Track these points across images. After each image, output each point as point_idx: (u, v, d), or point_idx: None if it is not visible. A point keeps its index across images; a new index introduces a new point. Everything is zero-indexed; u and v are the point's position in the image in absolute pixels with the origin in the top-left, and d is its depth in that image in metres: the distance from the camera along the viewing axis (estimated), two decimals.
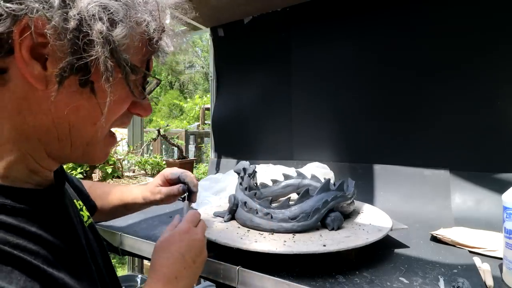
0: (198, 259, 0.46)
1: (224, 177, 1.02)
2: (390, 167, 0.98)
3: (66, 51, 0.29)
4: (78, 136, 0.34)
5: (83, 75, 0.31)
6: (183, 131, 4.50)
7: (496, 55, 0.84)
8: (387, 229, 0.59)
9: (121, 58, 0.32)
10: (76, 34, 0.29)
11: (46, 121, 0.32)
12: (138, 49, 0.35)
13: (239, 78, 1.35)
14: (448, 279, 0.49)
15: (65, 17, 0.28)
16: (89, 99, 0.32)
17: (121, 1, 0.32)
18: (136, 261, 1.68)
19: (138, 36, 0.34)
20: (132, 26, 0.32)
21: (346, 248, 0.51)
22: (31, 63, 0.29)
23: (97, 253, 0.44)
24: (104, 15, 0.30)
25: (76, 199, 0.48)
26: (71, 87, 0.31)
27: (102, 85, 0.31)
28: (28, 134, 0.32)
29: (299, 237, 0.57)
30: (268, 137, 1.27)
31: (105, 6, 0.30)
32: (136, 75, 0.35)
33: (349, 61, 1.08)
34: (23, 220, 0.30)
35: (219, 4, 1.15)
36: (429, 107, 0.93)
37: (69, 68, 0.29)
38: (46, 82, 0.30)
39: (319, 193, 0.61)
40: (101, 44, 0.29)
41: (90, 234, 0.44)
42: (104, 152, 0.39)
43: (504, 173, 0.82)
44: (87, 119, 0.34)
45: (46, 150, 0.34)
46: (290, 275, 0.50)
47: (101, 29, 0.29)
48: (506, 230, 0.49)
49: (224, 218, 0.69)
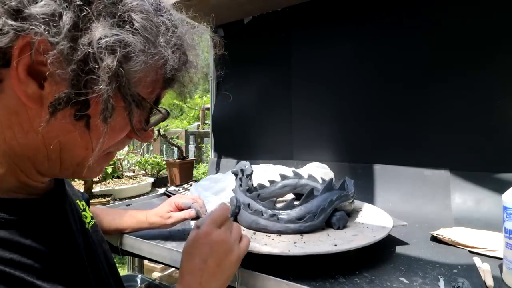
0: (223, 262, 0.43)
1: (224, 177, 1.02)
2: (390, 167, 0.98)
3: (66, 81, 0.26)
4: (68, 157, 0.32)
5: (80, 110, 0.28)
6: (183, 131, 4.50)
7: (496, 55, 0.84)
8: (389, 226, 0.59)
9: (127, 94, 0.29)
10: (80, 66, 0.26)
11: (36, 140, 0.30)
12: (150, 83, 0.32)
13: (239, 78, 1.35)
14: (448, 279, 0.49)
15: (72, 45, 0.26)
16: (82, 133, 0.30)
17: (142, 35, 0.29)
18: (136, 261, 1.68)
19: (152, 72, 0.31)
20: (147, 61, 0.29)
21: (357, 246, 0.51)
22: (26, 81, 0.27)
23: (100, 254, 0.43)
24: (119, 49, 0.27)
25: (79, 199, 0.47)
26: (65, 118, 0.28)
27: (98, 123, 0.29)
28: (17, 151, 0.30)
29: (307, 237, 0.57)
30: (268, 137, 1.27)
31: (121, 40, 0.27)
32: (141, 110, 0.32)
33: (349, 61, 1.08)
34: (16, 233, 0.29)
35: (219, 4, 1.15)
36: (429, 107, 0.93)
37: (65, 100, 0.27)
38: (41, 101, 0.28)
39: (323, 193, 0.61)
40: (106, 82, 0.27)
41: (93, 236, 0.44)
42: (97, 169, 0.37)
43: (504, 173, 0.82)
44: (79, 144, 0.31)
45: (35, 168, 0.32)
46: (290, 275, 0.50)
47: (111, 64, 0.26)
48: (506, 230, 0.49)
49: None
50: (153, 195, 1.25)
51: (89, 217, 0.47)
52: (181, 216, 0.68)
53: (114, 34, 0.27)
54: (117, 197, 1.30)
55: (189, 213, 0.68)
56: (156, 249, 0.66)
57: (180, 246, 0.64)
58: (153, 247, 0.66)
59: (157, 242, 0.67)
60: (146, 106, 0.33)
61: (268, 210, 0.60)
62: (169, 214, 0.68)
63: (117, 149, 0.38)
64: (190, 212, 0.68)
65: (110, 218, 0.69)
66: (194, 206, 0.70)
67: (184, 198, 0.71)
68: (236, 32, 1.34)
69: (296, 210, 0.59)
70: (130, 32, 0.28)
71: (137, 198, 1.18)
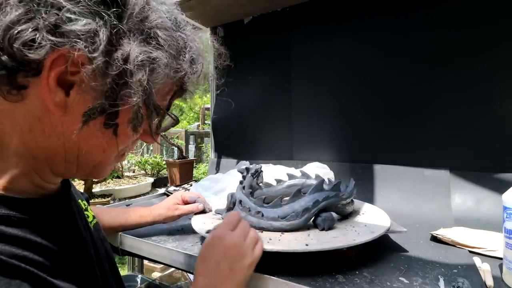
0: (236, 265, 0.43)
1: (224, 177, 1.02)
2: (390, 167, 0.98)
3: (100, 93, 0.28)
4: (86, 160, 0.34)
5: (110, 119, 0.30)
6: (183, 131, 4.50)
7: (496, 55, 0.84)
8: (381, 232, 0.57)
9: (151, 104, 0.31)
10: (115, 80, 0.28)
11: (57, 144, 0.31)
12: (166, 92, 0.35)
13: (239, 78, 1.35)
14: (448, 279, 0.49)
15: (107, 60, 0.27)
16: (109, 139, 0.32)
17: (166, 50, 0.31)
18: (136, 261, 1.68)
19: (170, 81, 0.34)
20: (169, 74, 0.32)
21: (328, 248, 0.51)
22: (55, 90, 0.28)
23: (102, 253, 0.44)
24: (148, 64, 0.29)
25: (81, 198, 0.48)
26: (95, 126, 0.31)
27: (126, 130, 0.31)
28: (35, 153, 0.32)
29: (285, 236, 0.57)
30: (268, 137, 1.27)
31: (150, 56, 0.29)
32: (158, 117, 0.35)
33: (349, 62, 1.08)
34: (28, 231, 0.30)
35: (219, 4, 1.15)
36: (429, 107, 0.93)
37: (99, 110, 0.29)
38: (65, 108, 0.29)
39: (312, 193, 0.62)
40: (138, 94, 0.29)
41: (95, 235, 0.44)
42: (110, 168, 0.39)
43: (504, 173, 0.82)
44: (98, 147, 0.33)
45: (51, 169, 0.34)
46: (290, 275, 0.50)
47: (142, 78, 0.29)
48: (506, 230, 0.49)
49: (222, 215, 0.70)
50: (153, 195, 1.25)
51: (91, 216, 0.47)
52: (189, 209, 0.70)
53: (145, 51, 0.29)
54: (117, 197, 1.30)
55: (197, 207, 0.71)
56: (156, 249, 0.66)
57: (180, 246, 0.64)
58: (153, 247, 0.66)
59: (157, 242, 0.67)
60: (162, 113, 0.36)
61: (257, 207, 0.61)
62: (176, 206, 0.71)
63: (129, 149, 0.40)
64: (198, 205, 0.71)
65: (114, 215, 0.70)
66: (199, 201, 0.73)
67: (189, 193, 0.74)
68: (236, 32, 1.34)
69: (282, 209, 0.60)
70: (156, 48, 0.30)
71: (137, 198, 1.18)
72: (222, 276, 0.42)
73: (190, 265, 0.60)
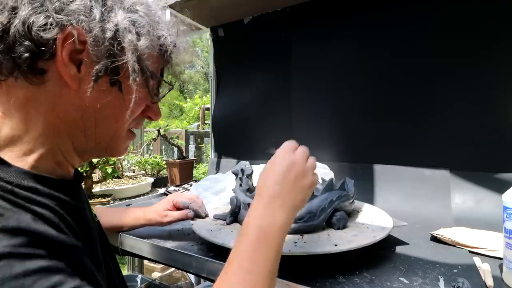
0: (299, 181, 0.44)
1: (224, 177, 1.02)
2: (390, 167, 0.98)
3: (102, 55, 0.35)
4: (102, 131, 0.39)
5: (114, 76, 0.36)
6: (183, 131, 4.50)
7: (497, 55, 0.84)
8: (390, 227, 0.59)
9: (144, 64, 0.37)
10: (111, 42, 0.35)
11: (76, 117, 0.37)
12: (156, 59, 0.41)
13: (239, 78, 1.35)
14: (448, 279, 0.49)
15: (103, 28, 0.34)
16: (116, 97, 0.38)
17: (147, 18, 0.38)
18: (136, 261, 1.68)
19: (157, 48, 0.40)
20: (153, 39, 0.38)
21: (357, 246, 0.52)
22: (69, 65, 0.34)
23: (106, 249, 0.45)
24: (133, 28, 0.36)
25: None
26: (103, 85, 0.36)
27: (129, 85, 0.37)
28: (59, 129, 0.36)
29: (308, 237, 0.57)
30: (268, 137, 1.27)
31: (134, 21, 0.37)
32: (153, 81, 0.40)
33: (349, 62, 1.08)
34: (52, 202, 0.33)
35: (219, 4, 1.15)
36: (429, 107, 0.93)
37: (103, 69, 0.35)
38: (79, 82, 0.35)
39: (323, 193, 0.61)
40: (131, 51, 0.36)
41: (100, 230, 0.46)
42: (124, 146, 0.44)
43: (504, 173, 0.82)
44: (111, 117, 0.39)
45: (73, 145, 0.38)
46: (290, 275, 0.50)
47: (131, 39, 0.36)
48: (506, 230, 0.49)
49: (226, 220, 0.67)
50: (153, 195, 1.25)
51: (93, 214, 0.47)
52: (177, 217, 0.69)
53: (129, 17, 0.36)
54: (117, 197, 1.30)
55: (186, 214, 0.69)
56: (156, 249, 0.66)
57: (180, 246, 0.64)
58: (153, 247, 0.66)
59: (157, 242, 0.67)
60: (156, 77, 0.41)
61: None
62: (165, 212, 0.69)
63: (135, 126, 0.45)
64: (188, 213, 0.69)
65: (109, 216, 0.70)
66: (192, 206, 0.70)
67: (183, 197, 0.71)
68: (236, 32, 1.34)
69: None
70: (139, 16, 0.38)
71: (137, 198, 1.18)
72: (289, 184, 0.43)
73: (190, 265, 0.60)
